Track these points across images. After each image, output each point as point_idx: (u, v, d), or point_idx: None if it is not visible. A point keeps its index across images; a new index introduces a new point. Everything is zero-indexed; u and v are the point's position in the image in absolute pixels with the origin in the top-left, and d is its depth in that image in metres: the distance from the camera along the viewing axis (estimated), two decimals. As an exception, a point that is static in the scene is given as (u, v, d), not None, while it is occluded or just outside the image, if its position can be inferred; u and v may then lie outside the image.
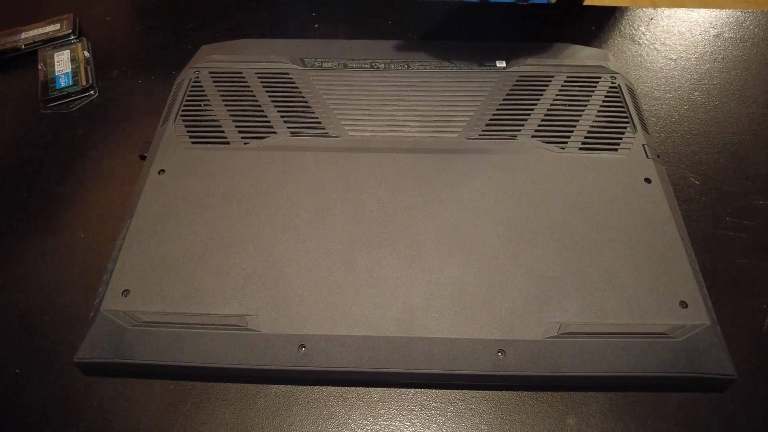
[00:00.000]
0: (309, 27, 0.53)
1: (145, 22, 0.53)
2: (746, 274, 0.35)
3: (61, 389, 0.31)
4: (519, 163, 0.37)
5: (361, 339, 0.30)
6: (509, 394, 0.30)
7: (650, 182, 0.36)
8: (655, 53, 0.50)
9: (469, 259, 0.32)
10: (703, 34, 0.51)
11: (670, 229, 0.34)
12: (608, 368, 0.29)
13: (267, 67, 0.43)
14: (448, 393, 0.30)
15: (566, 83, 0.42)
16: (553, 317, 0.30)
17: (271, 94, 0.42)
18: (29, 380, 0.31)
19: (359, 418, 0.29)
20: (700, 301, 0.31)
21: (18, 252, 0.36)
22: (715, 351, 0.29)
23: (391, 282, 0.31)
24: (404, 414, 0.30)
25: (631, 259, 0.32)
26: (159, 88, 0.46)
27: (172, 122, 0.40)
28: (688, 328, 0.30)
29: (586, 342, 0.29)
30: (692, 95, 0.46)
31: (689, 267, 0.32)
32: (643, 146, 0.38)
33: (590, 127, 0.39)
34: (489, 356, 0.29)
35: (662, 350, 0.29)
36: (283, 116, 0.40)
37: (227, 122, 0.40)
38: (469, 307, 0.30)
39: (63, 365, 0.31)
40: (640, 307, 0.30)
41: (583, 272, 0.32)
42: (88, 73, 0.47)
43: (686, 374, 0.29)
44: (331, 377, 0.30)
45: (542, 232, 0.33)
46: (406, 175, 0.36)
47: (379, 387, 0.30)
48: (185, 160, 0.37)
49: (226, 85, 0.42)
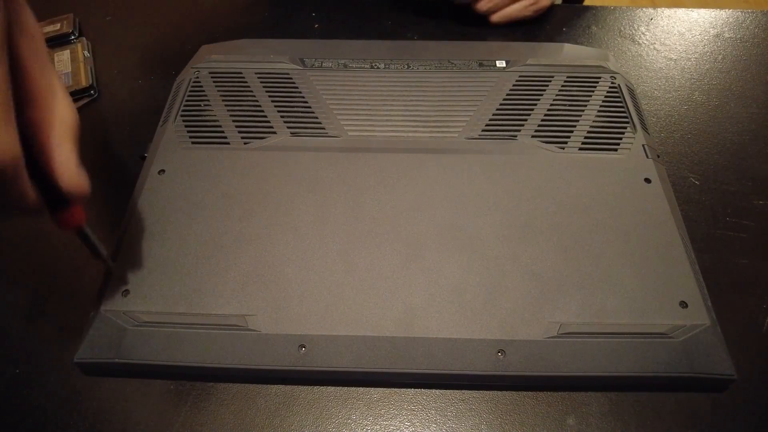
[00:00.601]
0: (309, 27, 0.53)
1: (145, 21, 0.53)
2: (746, 274, 0.35)
3: (61, 389, 0.30)
4: (519, 163, 0.37)
5: (361, 339, 0.30)
6: (509, 394, 0.30)
7: (650, 182, 0.36)
8: (655, 53, 0.50)
9: (469, 259, 0.32)
10: (703, 35, 0.51)
11: (670, 229, 0.34)
12: (608, 368, 0.29)
13: (267, 67, 0.43)
14: (448, 393, 0.30)
15: (566, 83, 0.42)
16: (553, 317, 0.30)
17: (271, 94, 0.42)
18: (29, 380, 0.31)
19: (359, 418, 0.29)
20: (700, 301, 0.31)
21: (16, 251, 0.36)
22: (715, 351, 0.29)
23: (391, 282, 0.31)
24: (404, 414, 0.30)
25: (630, 259, 0.32)
26: (159, 88, 0.46)
27: (171, 122, 0.40)
28: (687, 328, 0.30)
29: (585, 342, 0.29)
30: (692, 95, 0.46)
31: (689, 267, 0.32)
32: (643, 146, 0.38)
33: (590, 128, 0.39)
34: (489, 356, 0.29)
35: (662, 350, 0.29)
36: (283, 116, 0.40)
37: (227, 122, 0.40)
38: (469, 307, 0.30)
39: (63, 365, 0.31)
40: (640, 307, 0.30)
41: (582, 272, 0.32)
42: (88, 73, 0.47)
43: (686, 374, 0.29)
44: (331, 377, 0.30)
45: (542, 232, 0.33)
46: (406, 175, 0.36)
47: (379, 387, 0.30)
48: (185, 160, 0.37)
49: (226, 85, 0.42)
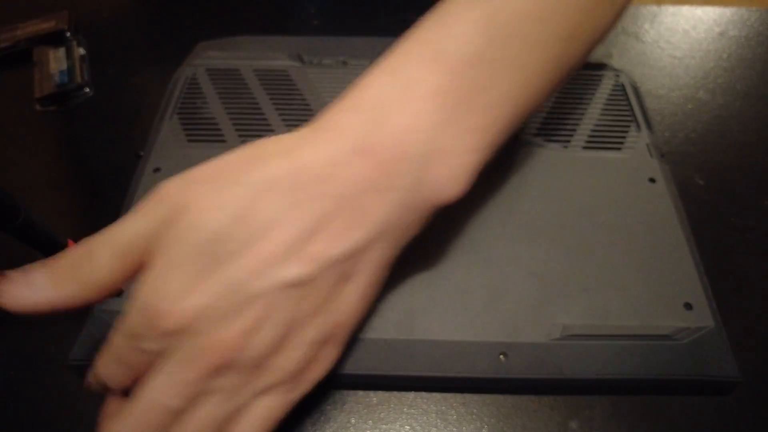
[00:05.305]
0: (308, 23, 0.52)
1: (142, 18, 0.53)
2: (752, 275, 0.35)
3: (57, 392, 0.30)
4: (521, 162, 0.36)
5: (360, 341, 0.29)
6: (511, 398, 0.30)
7: (654, 182, 0.36)
8: (659, 51, 0.49)
9: (471, 260, 0.32)
10: (708, 32, 0.51)
11: (675, 229, 0.33)
12: (612, 371, 0.29)
13: (265, 64, 0.43)
14: (449, 396, 0.30)
15: (569, 81, 0.42)
16: (556, 319, 0.30)
17: (268, 91, 0.41)
18: (24, 383, 0.30)
19: (358, 422, 0.29)
20: (704, 303, 0.30)
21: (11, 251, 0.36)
22: (720, 354, 0.29)
23: (391, 283, 0.31)
24: (404, 418, 0.29)
25: (634, 260, 0.32)
26: (155, 85, 0.45)
27: (167, 120, 0.39)
28: (692, 330, 0.29)
29: (589, 344, 0.29)
30: (697, 94, 0.45)
31: (694, 268, 0.32)
32: (647, 145, 0.38)
33: (594, 126, 0.39)
34: (491, 359, 0.29)
35: (666, 352, 0.29)
36: (280, 114, 0.39)
37: (224, 120, 0.39)
38: (470, 309, 0.30)
39: (58, 367, 0.31)
40: (644, 309, 0.30)
41: (586, 273, 0.31)
42: (83, 71, 0.46)
43: (690, 377, 0.28)
44: (330, 380, 0.30)
45: (545, 231, 0.33)
46: (407, 175, 0.36)
47: (379, 390, 0.30)
48: (181, 158, 0.37)
49: (223, 83, 0.41)
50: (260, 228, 0.23)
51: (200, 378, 0.23)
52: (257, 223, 0.23)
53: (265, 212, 0.23)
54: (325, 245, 0.24)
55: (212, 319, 0.22)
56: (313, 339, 0.25)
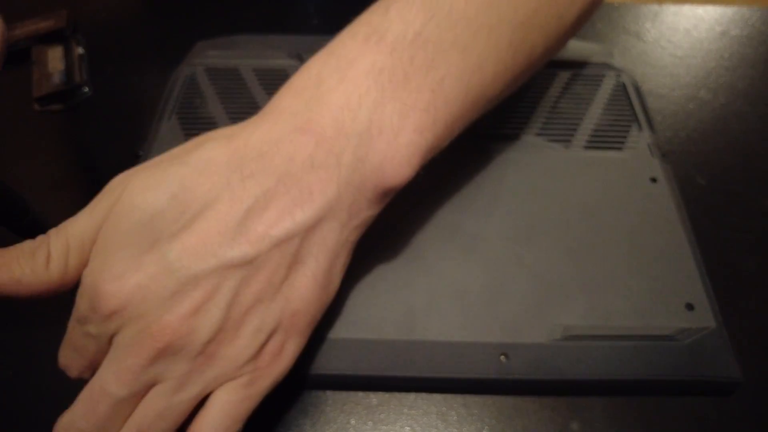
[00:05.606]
0: (307, 22, 0.52)
1: (141, 17, 0.53)
2: (754, 275, 0.34)
3: (57, 392, 0.30)
4: (522, 162, 0.36)
5: (360, 342, 0.29)
6: (512, 399, 0.30)
7: (656, 182, 0.35)
8: (661, 50, 0.49)
9: (471, 260, 0.32)
10: (709, 32, 0.51)
11: (676, 229, 0.33)
12: (612, 371, 0.28)
13: (264, 63, 0.43)
14: (450, 398, 0.30)
15: (570, 80, 0.42)
16: (557, 320, 0.30)
17: (268, 90, 0.41)
18: (24, 384, 0.30)
19: (358, 423, 0.29)
20: (706, 303, 0.30)
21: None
22: (722, 354, 0.29)
23: (391, 283, 0.31)
24: (404, 419, 0.29)
25: (636, 260, 0.32)
26: (154, 84, 0.45)
27: (167, 119, 0.39)
28: (694, 330, 0.29)
29: (590, 345, 0.29)
30: (698, 93, 0.45)
31: (695, 269, 0.31)
32: (649, 145, 0.38)
33: (595, 125, 0.39)
34: (491, 360, 0.29)
35: (667, 353, 0.29)
36: (280, 113, 0.39)
37: (223, 119, 0.39)
38: (470, 310, 0.30)
39: (58, 367, 0.31)
40: (645, 310, 0.30)
41: (587, 273, 0.31)
42: (82, 70, 0.46)
43: (692, 378, 0.28)
44: (329, 381, 0.30)
45: (546, 232, 0.33)
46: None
47: (379, 391, 0.30)
48: (181, 158, 0.36)
49: (222, 82, 0.41)
50: (198, 206, 0.22)
51: (143, 363, 0.22)
52: (195, 201, 0.23)
53: (202, 189, 0.23)
54: (269, 224, 0.23)
55: (153, 301, 0.22)
56: (261, 326, 0.23)
